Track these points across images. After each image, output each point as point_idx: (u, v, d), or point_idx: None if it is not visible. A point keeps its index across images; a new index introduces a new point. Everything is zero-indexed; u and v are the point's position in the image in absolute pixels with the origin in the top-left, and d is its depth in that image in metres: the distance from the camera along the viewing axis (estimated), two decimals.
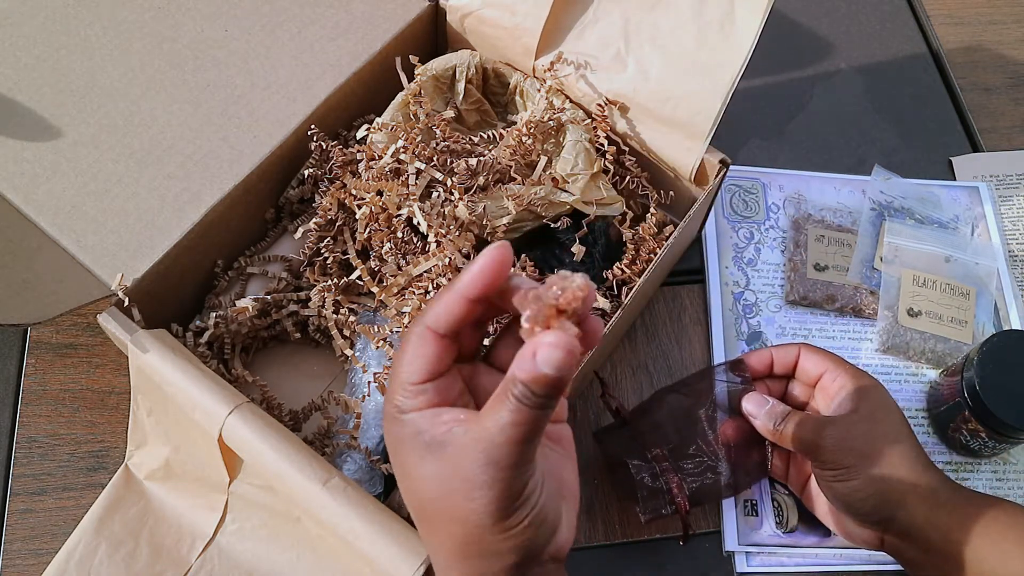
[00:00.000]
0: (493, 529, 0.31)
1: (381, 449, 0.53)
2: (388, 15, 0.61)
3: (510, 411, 0.29)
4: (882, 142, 0.74)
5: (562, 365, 0.28)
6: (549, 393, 0.29)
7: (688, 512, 0.52)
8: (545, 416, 0.30)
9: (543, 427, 0.30)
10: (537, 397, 0.29)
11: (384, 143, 0.55)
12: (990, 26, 0.82)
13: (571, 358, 0.29)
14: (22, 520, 0.54)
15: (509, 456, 0.30)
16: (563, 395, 0.30)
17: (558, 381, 0.29)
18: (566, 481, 0.36)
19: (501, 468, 0.30)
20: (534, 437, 0.30)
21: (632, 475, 0.53)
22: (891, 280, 0.64)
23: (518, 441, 0.30)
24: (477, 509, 0.30)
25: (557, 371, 0.28)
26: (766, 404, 0.53)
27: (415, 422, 0.32)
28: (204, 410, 0.47)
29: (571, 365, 0.29)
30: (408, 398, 0.32)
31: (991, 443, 0.56)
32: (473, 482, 0.30)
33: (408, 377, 0.32)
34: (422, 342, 0.32)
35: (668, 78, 0.55)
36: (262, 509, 0.50)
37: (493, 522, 0.31)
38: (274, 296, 0.56)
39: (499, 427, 0.30)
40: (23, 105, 0.54)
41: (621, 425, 0.56)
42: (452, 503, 0.31)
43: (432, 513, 0.32)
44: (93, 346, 0.60)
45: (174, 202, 0.52)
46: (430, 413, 0.32)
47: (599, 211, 0.57)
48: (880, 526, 0.49)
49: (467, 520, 0.31)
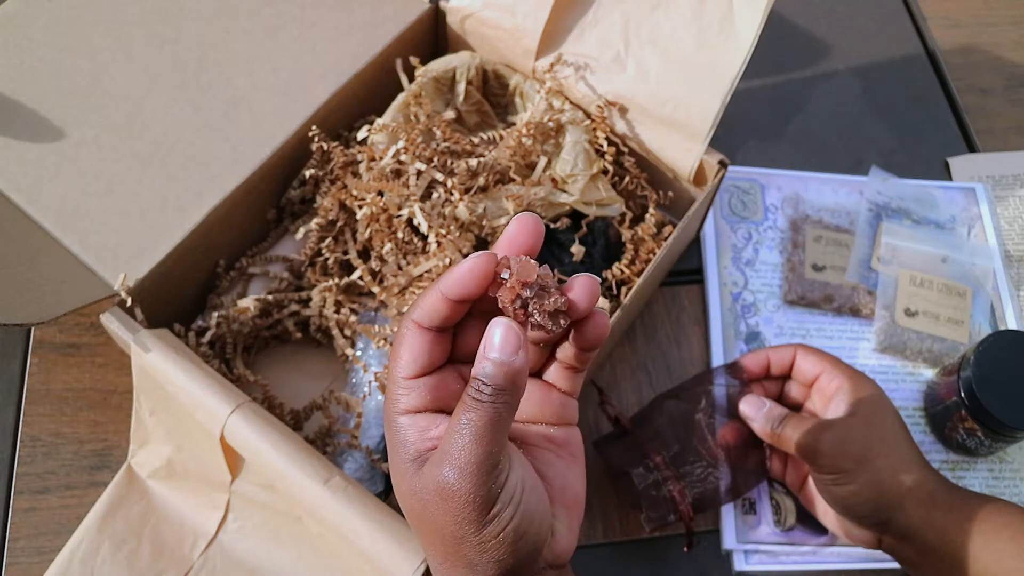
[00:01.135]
0: (469, 541, 0.30)
1: (382, 448, 0.54)
2: (389, 17, 0.61)
3: (465, 410, 0.29)
4: (879, 143, 0.74)
5: (504, 346, 0.29)
6: (500, 383, 0.29)
7: (692, 519, 0.52)
8: (499, 412, 0.29)
9: (504, 425, 0.29)
10: (488, 388, 0.29)
11: (385, 144, 0.55)
12: (987, 28, 0.82)
13: (514, 337, 0.29)
14: (26, 518, 0.54)
15: (469, 459, 0.29)
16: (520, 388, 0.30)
17: (504, 366, 0.29)
18: (569, 487, 0.35)
19: (464, 474, 0.29)
20: (493, 435, 0.29)
21: (635, 485, 0.53)
22: (888, 280, 0.64)
23: (475, 441, 0.29)
24: (449, 520, 0.30)
25: (502, 353, 0.29)
26: (763, 406, 0.53)
27: (405, 432, 0.32)
28: (206, 409, 0.47)
29: (514, 345, 0.29)
30: (402, 395, 0.32)
31: (987, 442, 0.56)
32: (442, 493, 0.29)
33: (399, 372, 0.32)
34: (409, 336, 0.32)
35: (667, 79, 0.55)
36: (264, 508, 0.50)
37: (466, 533, 0.30)
38: (276, 296, 0.57)
39: (458, 429, 0.29)
40: (26, 106, 0.54)
41: (621, 434, 0.56)
42: (427, 515, 0.30)
43: (418, 523, 0.32)
44: (96, 346, 0.60)
45: (176, 203, 0.53)
46: (421, 423, 0.31)
47: (598, 211, 0.57)
48: (878, 527, 0.49)
49: (443, 531, 0.30)
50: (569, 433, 0.36)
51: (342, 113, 0.60)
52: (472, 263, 0.30)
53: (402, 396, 0.32)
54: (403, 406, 0.32)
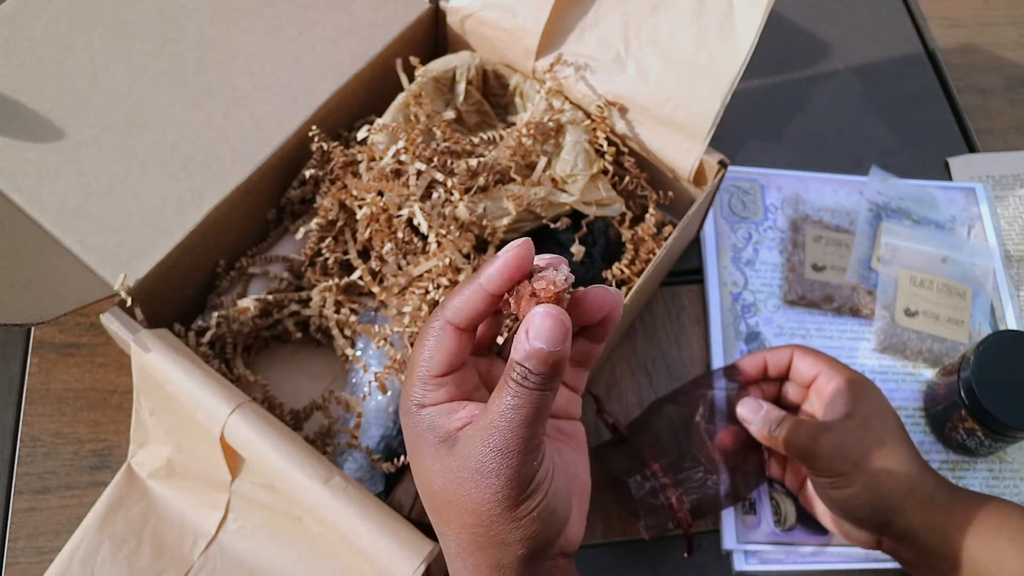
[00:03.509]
0: (503, 517, 0.31)
1: (382, 448, 0.54)
2: (389, 17, 0.61)
3: (511, 395, 0.30)
4: (879, 143, 0.74)
5: (552, 336, 0.29)
6: (546, 371, 0.29)
7: (691, 526, 0.52)
8: (546, 398, 0.30)
9: (546, 410, 0.30)
10: (535, 375, 0.29)
11: (385, 144, 0.55)
12: (986, 28, 0.82)
13: (561, 328, 0.29)
14: (26, 518, 0.54)
15: (514, 441, 0.30)
16: (562, 374, 0.30)
17: (552, 356, 0.29)
18: (578, 477, 0.36)
19: (507, 454, 0.30)
20: (537, 420, 0.30)
21: (632, 494, 0.53)
22: (888, 280, 0.64)
23: (521, 425, 0.30)
24: (487, 498, 0.31)
25: (549, 343, 0.29)
26: (760, 409, 0.53)
27: (431, 417, 0.32)
28: (206, 409, 0.47)
29: (562, 336, 0.29)
30: (428, 392, 0.32)
31: (987, 442, 0.56)
32: (482, 471, 0.30)
33: (428, 371, 0.32)
34: (443, 336, 0.32)
35: (667, 79, 0.55)
36: (264, 508, 0.50)
37: (502, 510, 0.31)
38: (275, 296, 0.57)
39: (501, 412, 0.30)
40: (26, 106, 0.54)
41: (619, 441, 0.56)
42: (463, 493, 0.31)
43: (444, 504, 0.32)
44: (96, 346, 0.60)
45: (176, 203, 0.53)
46: (446, 408, 0.32)
47: (598, 211, 0.57)
48: (877, 529, 0.49)
49: (477, 509, 0.31)
50: (575, 426, 0.38)
51: (342, 113, 0.60)
52: (513, 251, 0.31)
53: (429, 392, 0.32)
54: (429, 401, 0.32)
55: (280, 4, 0.61)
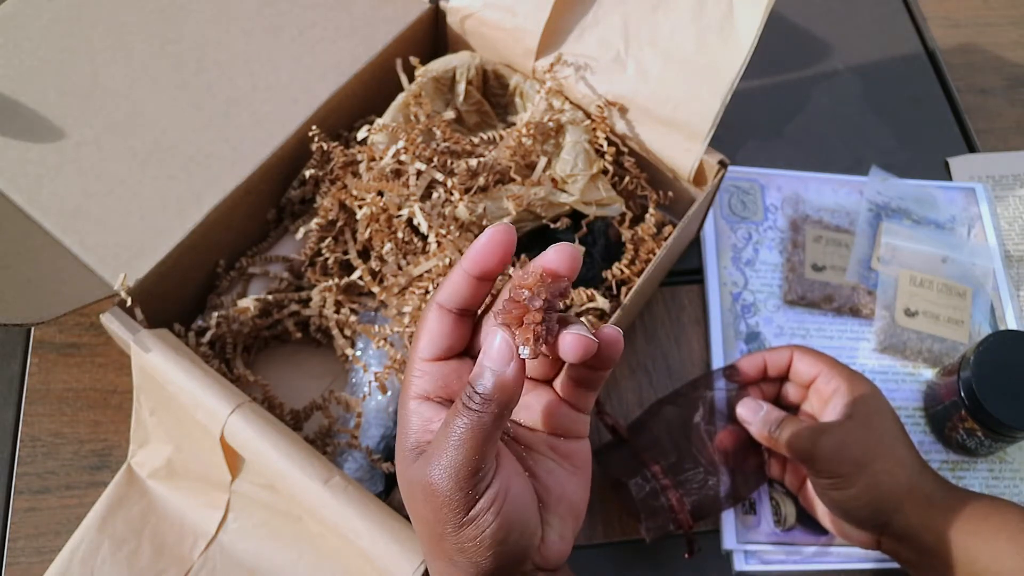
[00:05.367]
0: (449, 539, 0.31)
1: (382, 448, 0.54)
2: (389, 17, 0.61)
3: (456, 414, 0.29)
4: (879, 143, 0.74)
5: (497, 357, 0.29)
6: (488, 394, 0.29)
7: (691, 528, 0.52)
8: (486, 422, 0.29)
9: (492, 433, 0.29)
10: (479, 397, 0.29)
11: (385, 144, 0.55)
12: (986, 28, 0.82)
13: (508, 351, 0.29)
14: (26, 518, 0.54)
15: (451, 463, 0.29)
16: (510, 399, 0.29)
17: (495, 378, 0.29)
18: (567, 497, 0.35)
19: (445, 476, 0.29)
20: (477, 445, 0.29)
21: (633, 496, 0.53)
22: (888, 280, 0.64)
23: (458, 447, 0.29)
24: (431, 517, 0.30)
25: (493, 363, 0.29)
26: (760, 410, 0.53)
27: (411, 419, 0.32)
28: (206, 409, 0.47)
29: (505, 358, 0.29)
30: (416, 376, 0.32)
31: (987, 442, 0.56)
32: (426, 488, 0.30)
33: (419, 353, 0.32)
34: (430, 318, 0.32)
35: (667, 80, 0.55)
36: (264, 508, 0.50)
37: (446, 532, 0.30)
38: (275, 296, 0.57)
39: (446, 431, 0.30)
40: (26, 106, 0.54)
41: (620, 443, 0.56)
42: (417, 505, 0.31)
43: (410, 510, 0.33)
44: (96, 346, 0.60)
45: (176, 203, 0.53)
46: (427, 413, 0.32)
47: (598, 211, 0.57)
48: (877, 530, 0.49)
49: (428, 523, 0.31)
50: (577, 446, 0.36)
51: (342, 113, 0.60)
52: (489, 233, 0.30)
53: (416, 379, 0.32)
54: (416, 390, 0.32)
55: (280, 4, 0.61)
